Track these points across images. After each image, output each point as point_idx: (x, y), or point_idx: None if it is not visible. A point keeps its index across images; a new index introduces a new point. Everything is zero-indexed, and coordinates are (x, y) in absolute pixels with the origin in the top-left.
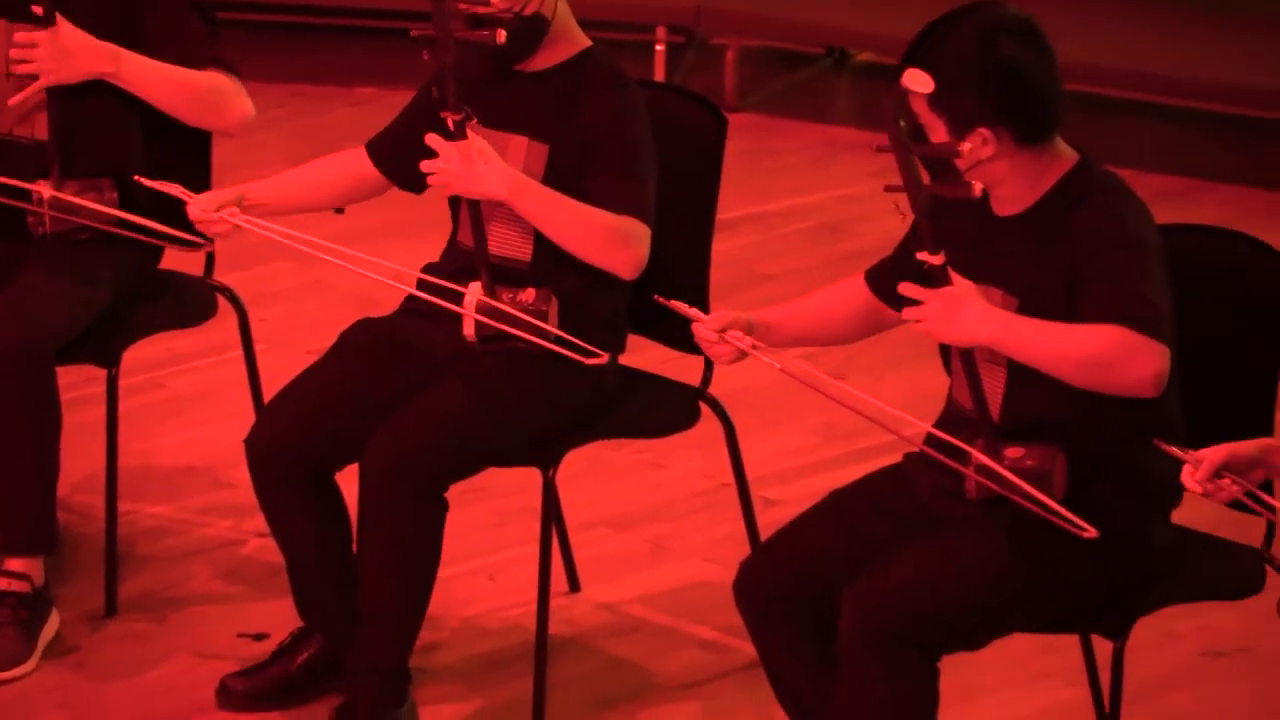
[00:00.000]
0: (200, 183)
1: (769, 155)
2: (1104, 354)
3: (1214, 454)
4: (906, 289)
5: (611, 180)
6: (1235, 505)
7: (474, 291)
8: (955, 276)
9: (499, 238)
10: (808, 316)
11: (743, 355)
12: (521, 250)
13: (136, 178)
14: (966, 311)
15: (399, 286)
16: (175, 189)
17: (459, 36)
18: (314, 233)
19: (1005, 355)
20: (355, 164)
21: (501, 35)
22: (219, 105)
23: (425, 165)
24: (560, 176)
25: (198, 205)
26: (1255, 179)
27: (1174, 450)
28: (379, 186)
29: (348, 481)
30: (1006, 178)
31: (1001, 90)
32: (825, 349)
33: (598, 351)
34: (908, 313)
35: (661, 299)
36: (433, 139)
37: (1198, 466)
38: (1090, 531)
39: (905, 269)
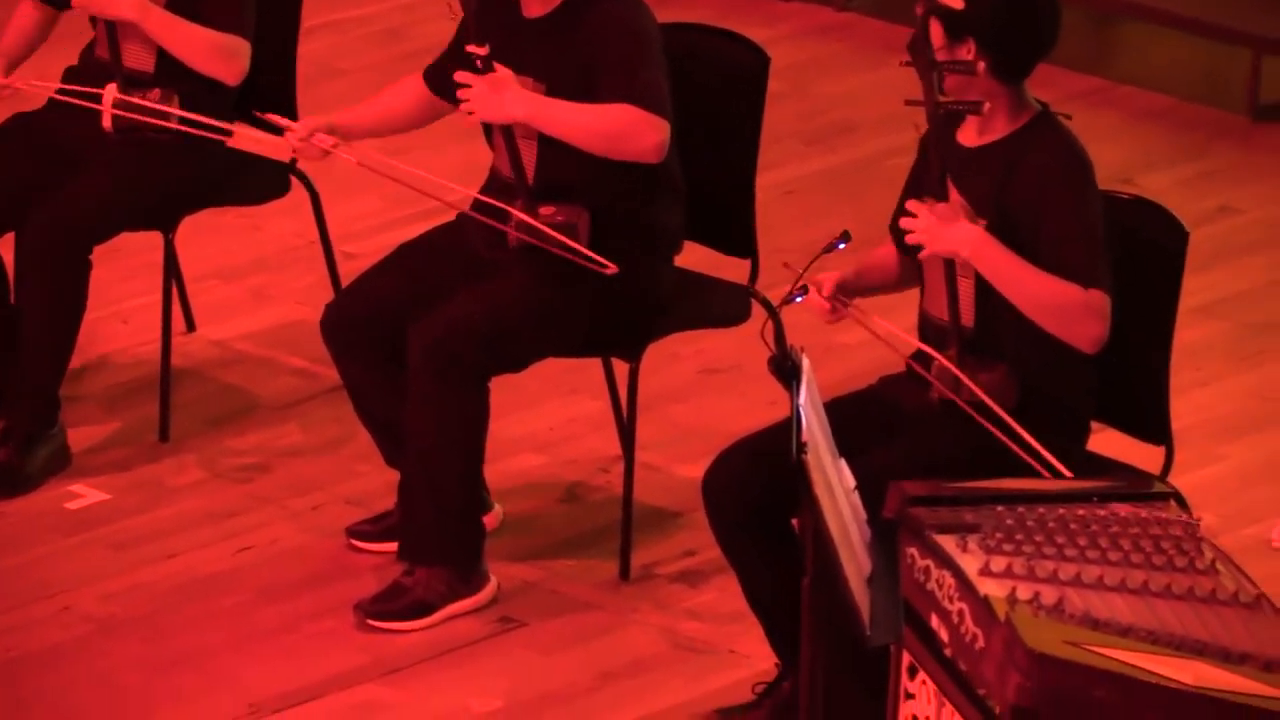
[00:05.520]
0: None
1: None
2: (617, 127)
3: (828, 279)
4: (460, 77)
5: (219, 6)
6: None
7: (110, 91)
8: (497, 65)
9: (130, 53)
10: (377, 113)
11: (326, 154)
12: (146, 63)
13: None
14: (506, 94)
15: (41, 90)
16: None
17: None
18: None
19: (537, 130)
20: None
21: None
22: None
23: (76, 3)
24: (180, 5)
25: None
26: None
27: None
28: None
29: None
30: None
31: None
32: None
33: (224, 126)
34: (460, 94)
35: (259, 113)
36: None
37: (822, 288)
38: (611, 268)
39: (455, 66)
